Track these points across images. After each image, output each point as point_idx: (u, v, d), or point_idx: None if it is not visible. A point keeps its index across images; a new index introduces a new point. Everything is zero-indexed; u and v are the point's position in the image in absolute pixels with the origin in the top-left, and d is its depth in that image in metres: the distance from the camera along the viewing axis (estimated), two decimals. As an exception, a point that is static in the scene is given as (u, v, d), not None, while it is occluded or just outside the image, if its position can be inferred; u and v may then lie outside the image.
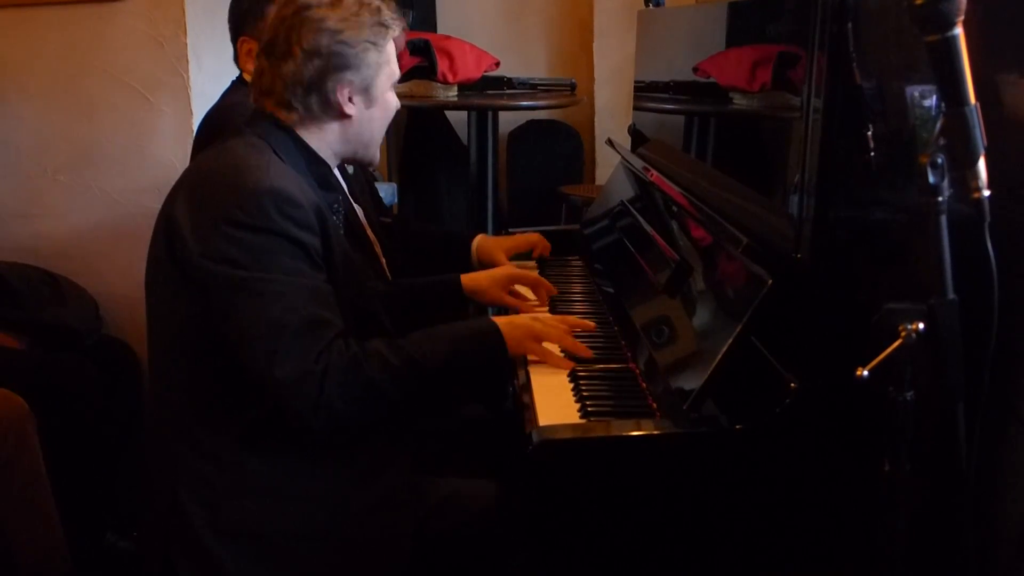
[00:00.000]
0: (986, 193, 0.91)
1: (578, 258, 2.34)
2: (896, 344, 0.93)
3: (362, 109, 1.59)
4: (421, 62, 3.34)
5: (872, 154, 1.21)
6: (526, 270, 2.02)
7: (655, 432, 1.31)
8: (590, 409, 1.43)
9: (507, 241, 2.22)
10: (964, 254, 0.93)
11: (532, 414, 1.42)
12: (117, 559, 2.44)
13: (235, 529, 1.47)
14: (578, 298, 2.04)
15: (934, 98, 1.15)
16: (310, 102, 1.55)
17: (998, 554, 1.18)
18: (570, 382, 1.54)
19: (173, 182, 1.57)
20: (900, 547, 1.00)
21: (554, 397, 1.48)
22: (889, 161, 1.21)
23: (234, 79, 2.35)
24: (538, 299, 1.96)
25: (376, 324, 1.59)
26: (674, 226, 1.75)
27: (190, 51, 2.77)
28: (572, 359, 1.60)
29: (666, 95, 2.13)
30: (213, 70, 2.77)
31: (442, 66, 3.38)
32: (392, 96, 1.65)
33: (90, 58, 2.81)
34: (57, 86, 2.85)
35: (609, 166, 3.29)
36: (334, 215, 1.63)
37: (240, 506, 1.47)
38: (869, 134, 1.21)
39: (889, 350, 0.93)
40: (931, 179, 0.91)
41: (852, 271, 1.29)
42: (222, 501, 1.47)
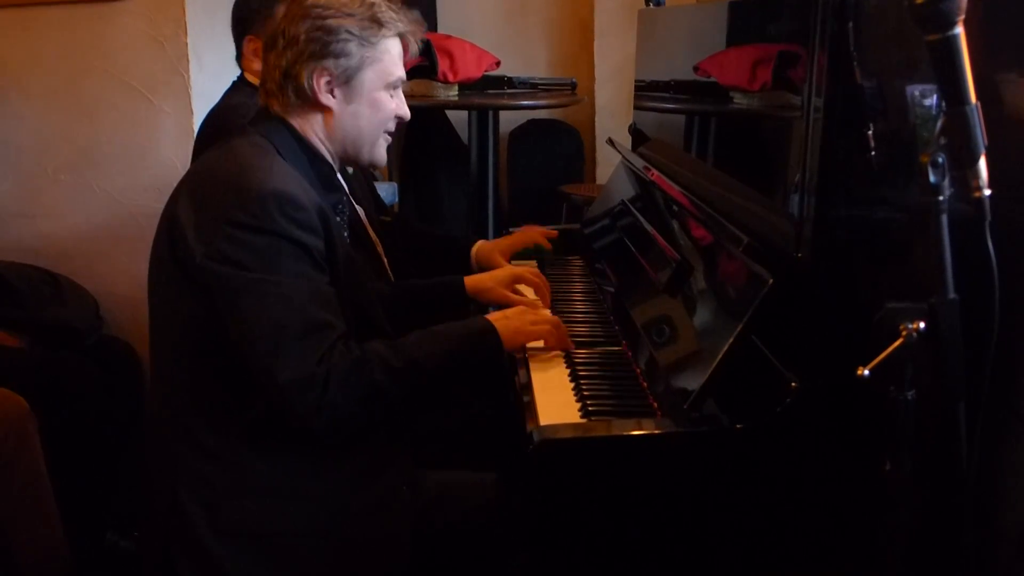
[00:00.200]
0: (987, 192, 0.91)
1: (579, 257, 2.34)
2: (897, 343, 0.93)
3: (342, 102, 1.56)
4: (422, 61, 3.34)
5: (873, 153, 1.21)
6: (528, 268, 2.02)
7: (656, 431, 1.31)
8: (591, 408, 1.43)
9: (504, 242, 2.22)
10: (965, 253, 0.93)
11: (533, 413, 1.42)
12: (117, 559, 2.44)
13: (235, 529, 1.47)
14: (579, 297, 2.04)
15: (935, 97, 1.15)
16: (287, 89, 1.55)
17: (998, 554, 1.17)
18: (571, 381, 1.55)
19: (174, 182, 1.57)
20: (900, 547, 1.00)
21: (555, 396, 1.49)
22: (890, 160, 1.21)
23: (235, 79, 2.35)
24: (541, 299, 1.96)
25: (376, 325, 1.59)
26: (675, 225, 1.75)
27: (191, 51, 2.77)
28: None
29: (667, 94, 2.13)
30: (214, 70, 2.77)
31: (443, 65, 3.38)
32: (386, 97, 1.60)
33: (91, 58, 2.81)
34: (58, 86, 2.85)
35: (610, 165, 3.29)
36: (338, 216, 1.63)
37: (240, 506, 1.47)
38: (870, 133, 1.21)
39: (890, 349, 0.93)
40: (932, 178, 0.91)
41: (853, 270, 1.29)
42: (222, 501, 1.47)
